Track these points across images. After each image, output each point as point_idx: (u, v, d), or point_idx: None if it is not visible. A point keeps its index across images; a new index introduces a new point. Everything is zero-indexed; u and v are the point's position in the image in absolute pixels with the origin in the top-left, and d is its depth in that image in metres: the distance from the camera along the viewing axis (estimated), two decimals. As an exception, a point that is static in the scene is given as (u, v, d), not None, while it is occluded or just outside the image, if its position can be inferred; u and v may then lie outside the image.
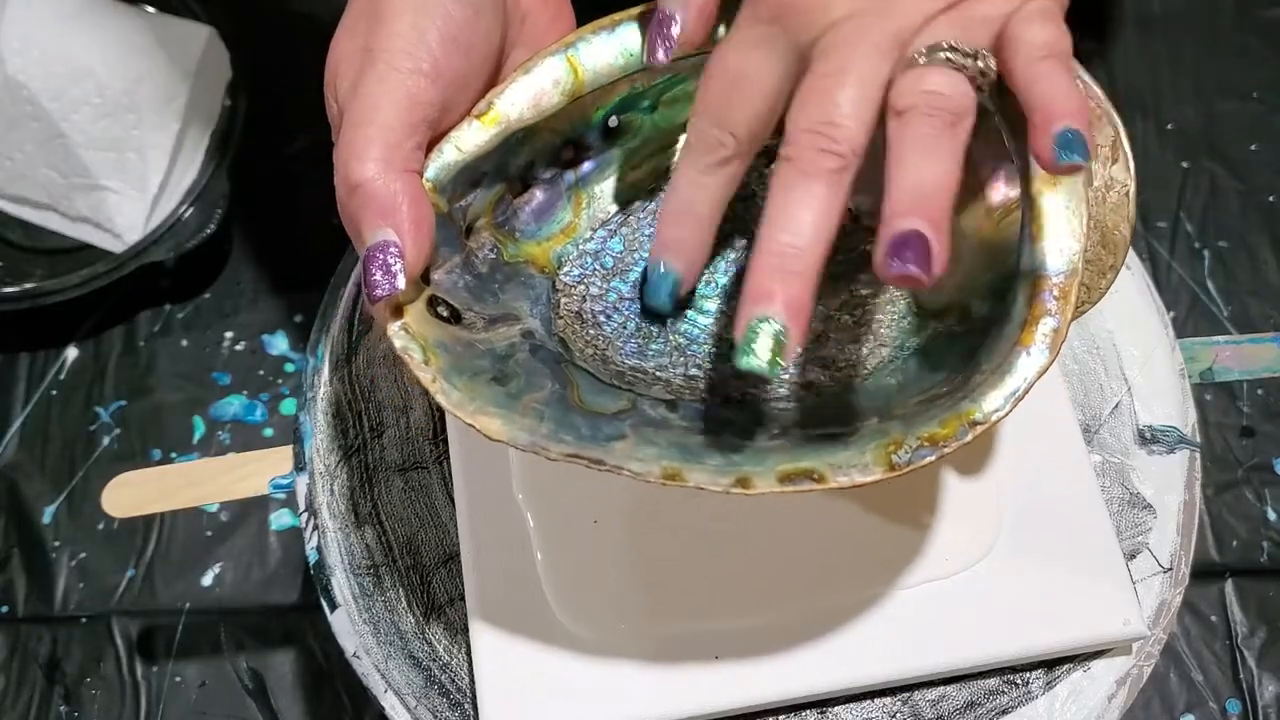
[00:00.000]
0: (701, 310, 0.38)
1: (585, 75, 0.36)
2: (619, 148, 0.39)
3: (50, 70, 0.61)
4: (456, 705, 0.41)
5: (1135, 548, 0.43)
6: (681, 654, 0.40)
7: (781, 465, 0.31)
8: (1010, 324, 0.33)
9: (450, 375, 0.32)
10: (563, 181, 0.38)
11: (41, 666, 0.57)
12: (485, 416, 0.31)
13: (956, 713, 0.40)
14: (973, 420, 0.31)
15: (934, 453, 0.31)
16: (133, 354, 0.64)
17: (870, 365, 0.37)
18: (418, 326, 0.32)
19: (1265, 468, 0.59)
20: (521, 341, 0.35)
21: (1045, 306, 0.32)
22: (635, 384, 0.36)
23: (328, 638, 0.48)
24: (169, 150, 0.63)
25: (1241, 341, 0.47)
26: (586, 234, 0.38)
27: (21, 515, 0.61)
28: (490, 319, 0.34)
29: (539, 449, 0.31)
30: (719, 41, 0.35)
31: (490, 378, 0.33)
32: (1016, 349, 0.32)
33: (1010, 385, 0.31)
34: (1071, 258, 0.32)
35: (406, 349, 0.32)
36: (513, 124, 0.35)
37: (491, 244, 0.36)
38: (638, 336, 0.37)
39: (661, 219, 0.35)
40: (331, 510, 0.44)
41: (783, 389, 0.36)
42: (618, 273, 0.38)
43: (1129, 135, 0.36)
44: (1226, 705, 0.55)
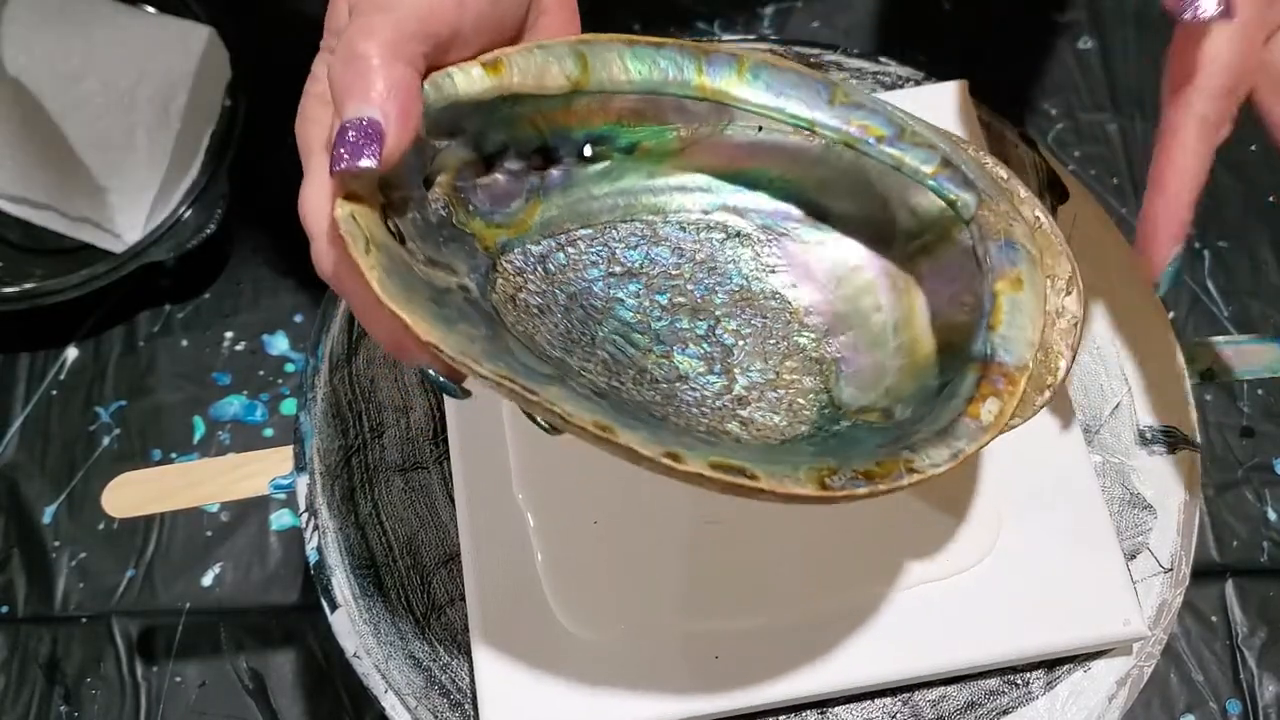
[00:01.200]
0: (632, 342, 0.38)
1: (592, 72, 0.36)
2: (588, 173, 0.39)
3: (50, 70, 0.61)
4: (457, 705, 0.41)
5: (1136, 548, 0.43)
6: (681, 654, 0.40)
7: (713, 456, 0.30)
8: (956, 399, 0.33)
9: (389, 274, 0.30)
10: (526, 181, 0.38)
11: (41, 666, 0.57)
12: (420, 318, 0.30)
13: (957, 713, 0.40)
14: (911, 466, 0.31)
15: (867, 486, 0.31)
16: (133, 354, 0.64)
17: (788, 435, 0.37)
18: (365, 220, 0.31)
19: (1265, 468, 0.59)
20: (457, 290, 0.34)
21: (994, 387, 0.33)
22: (562, 369, 0.35)
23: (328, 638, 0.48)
24: (169, 150, 0.63)
25: (1241, 342, 0.47)
26: (535, 237, 0.38)
27: (21, 515, 0.61)
28: (430, 260, 0.33)
29: (469, 361, 0.29)
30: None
31: (427, 298, 0.31)
32: (962, 419, 0.32)
33: (955, 446, 0.32)
34: (1024, 354, 0.34)
35: (350, 233, 0.30)
36: (513, 87, 0.35)
37: (445, 203, 0.36)
38: (566, 339, 0.37)
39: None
40: (332, 510, 0.44)
41: (701, 428, 0.36)
42: (558, 282, 0.38)
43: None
44: (1227, 705, 0.55)
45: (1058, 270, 0.37)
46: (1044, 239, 0.37)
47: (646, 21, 0.71)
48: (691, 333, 0.38)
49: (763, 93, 0.37)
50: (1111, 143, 0.68)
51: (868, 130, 0.37)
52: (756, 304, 0.39)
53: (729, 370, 0.38)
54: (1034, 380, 0.36)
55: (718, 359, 0.38)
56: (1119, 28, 0.71)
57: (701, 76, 0.37)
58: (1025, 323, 0.34)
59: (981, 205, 0.36)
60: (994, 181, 0.38)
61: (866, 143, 0.37)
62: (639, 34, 0.37)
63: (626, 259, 0.39)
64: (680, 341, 0.38)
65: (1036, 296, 0.35)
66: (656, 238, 0.40)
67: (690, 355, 0.38)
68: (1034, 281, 0.35)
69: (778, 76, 0.38)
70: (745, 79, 0.37)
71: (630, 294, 0.38)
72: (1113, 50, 0.70)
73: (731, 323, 0.39)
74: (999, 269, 0.35)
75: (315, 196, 0.31)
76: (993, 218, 0.36)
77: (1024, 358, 0.34)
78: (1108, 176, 0.67)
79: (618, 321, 0.38)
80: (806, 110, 0.38)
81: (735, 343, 0.38)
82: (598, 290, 0.38)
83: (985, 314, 0.34)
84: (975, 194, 0.36)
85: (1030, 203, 0.38)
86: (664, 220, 0.40)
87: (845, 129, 0.37)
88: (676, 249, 0.40)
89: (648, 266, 0.39)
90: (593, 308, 0.38)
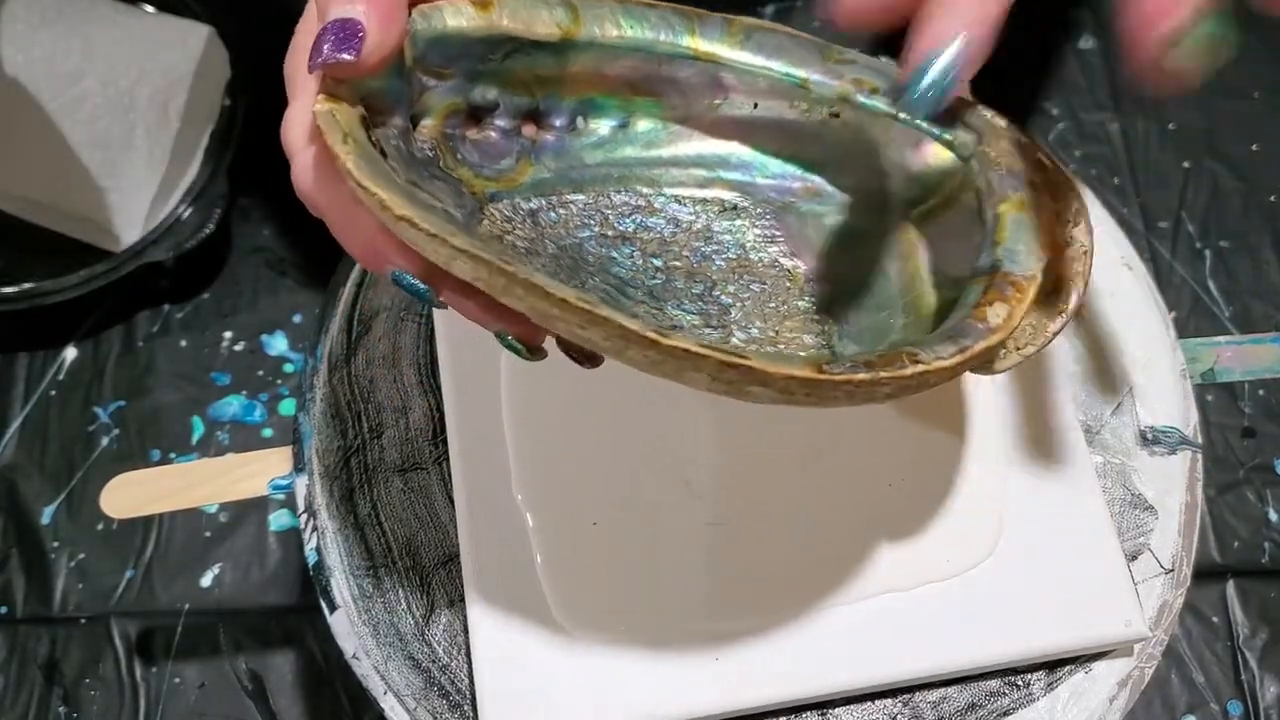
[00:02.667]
0: (625, 294, 0.36)
1: (583, 22, 0.36)
2: (581, 142, 0.39)
3: (49, 69, 0.61)
4: (456, 706, 0.41)
5: (1137, 549, 0.43)
6: (681, 655, 0.40)
7: (704, 340, 0.29)
8: (962, 308, 0.33)
9: (366, 166, 0.30)
10: (517, 142, 0.38)
11: (40, 667, 0.57)
12: (396, 197, 0.29)
13: (957, 714, 0.40)
14: (915, 357, 0.30)
15: (868, 372, 0.30)
16: (131, 354, 0.64)
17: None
18: (346, 119, 0.31)
19: (1267, 468, 0.59)
20: (439, 209, 0.34)
21: (1000, 293, 0.32)
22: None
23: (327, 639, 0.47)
24: (168, 150, 0.63)
25: (1243, 342, 0.47)
26: (526, 194, 0.38)
27: (20, 516, 0.60)
28: (412, 183, 0.33)
29: (444, 235, 0.29)
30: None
31: (405, 182, 0.31)
32: (967, 321, 0.32)
33: (961, 342, 0.31)
34: (1028, 266, 0.33)
35: (327, 125, 0.30)
36: (502, 28, 0.35)
37: (432, 146, 0.36)
38: (556, 276, 0.35)
39: None
40: (331, 511, 0.44)
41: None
42: (548, 235, 0.37)
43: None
44: (1228, 706, 0.55)
45: (1062, 205, 0.36)
46: (1050, 177, 0.37)
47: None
48: (687, 291, 0.38)
49: (754, 53, 0.37)
50: (1113, 142, 0.68)
51: (861, 84, 0.37)
52: (755, 271, 0.39)
53: (725, 326, 0.37)
54: (1046, 308, 0.35)
55: (714, 315, 0.37)
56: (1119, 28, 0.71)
57: (694, 37, 0.37)
58: (1030, 239, 0.34)
59: (982, 141, 0.36)
60: (993, 125, 0.37)
61: (861, 96, 0.37)
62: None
63: (620, 224, 0.39)
64: (675, 298, 0.37)
65: (1037, 219, 0.34)
66: (651, 209, 0.39)
67: (686, 310, 0.37)
68: (1037, 206, 0.35)
69: (770, 38, 0.38)
70: (737, 39, 0.37)
71: (624, 255, 0.38)
72: (1113, 50, 0.70)
73: (729, 286, 0.38)
74: (1001, 193, 0.35)
75: (298, 116, 0.31)
76: (993, 153, 0.36)
77: (1031, 268, 0.33)
78: (1109, 176, 0.67)
79: (610, 275, 0.37)
80: (799, 69, 0.38)
81: (733, 303, 0.38)
82: (589, 248, 0.38)
83: (990, 231, 0.34)
84: (973, 133, 0.36)
85: (1031, 149, 0.37)
86: (659, 193, 0.40)
87: (839, 84, 0.37)
88: (672, 220, 0.39)
89: (641, 233, 0.39)
90: (584, 260, 0.37)
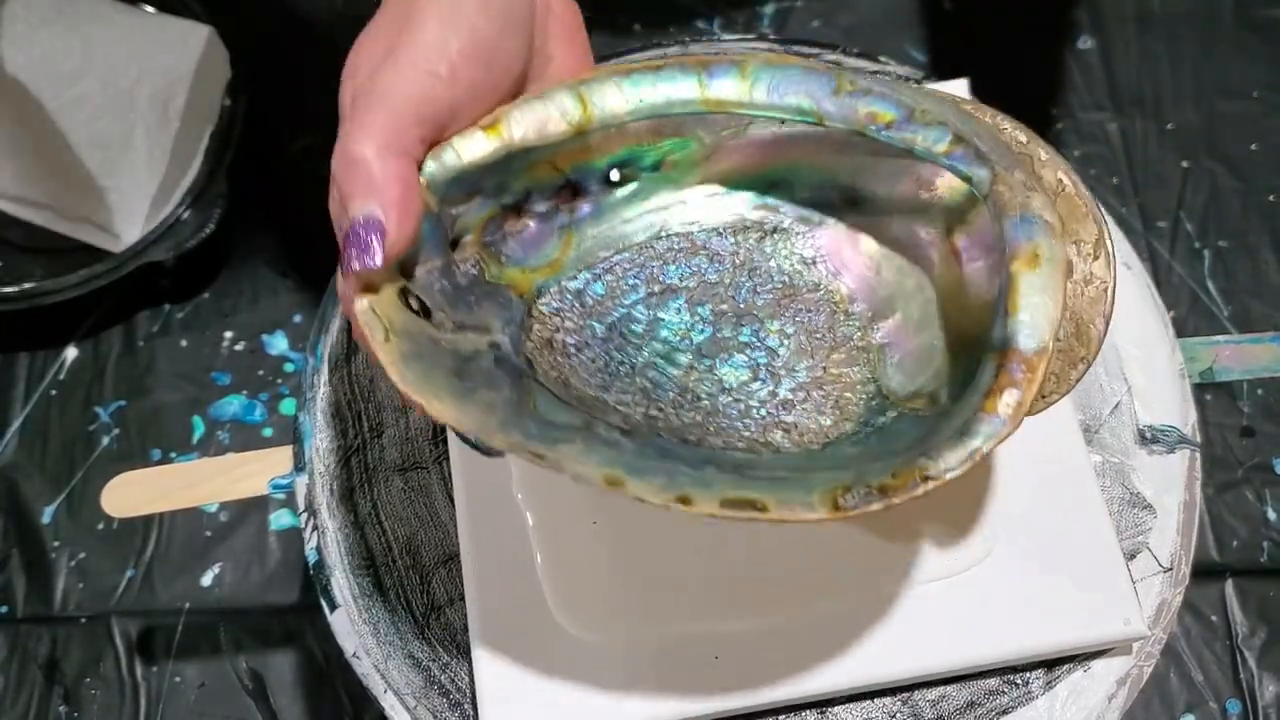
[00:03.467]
0: (673, 363, 0.38)
1: (594, 112, 0.36)
2: (617, 198, 0.39)
3: (50, 70, 0.61)
4: (456, 705, 0.41)
5: (1135, 547, 0.43)
6: (681, 655, 0.40)
7: (726, 493, 0.31)
8: (975, 393, 0.33)
9: (408, 360, 0.32)
10: (556, 219, 0.38)
11: (41, 667, 0.57)
12: (436, 400, 0.31)
13: (956, 713, 0.40)
14: (925, 475, 0.31)
15: (881, 501, 0.31)
16: (132, 354, 0.64)
17: (832, 435, 0.37)
18: (384, 308, 0.32)
19: (1265, 468, 0.59)
20: (487, 351, 0.35)
21: (1011, 377, 0.32)
22: (594, 409, 0.36)
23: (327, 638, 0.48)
24: (168, 150, 0.63)
25: (1242, 341, 0.47)
26: (571, 272, 0.39)
27: (21, 515, 0.61)
28: (459, 324, 0.35)
29: (485, 434, 0.31)
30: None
31: (449, 371, 0.33)
32: (979, 415, 0.32)
33: (969, 446, 0.32)
34: (1042, 338, 0.33)
35: (369, 325, 0.32)
36: (515, 143, 0.35)
37: (475, 261, 0.37)
38: (605, 373, 0.37)
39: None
40: (331, 510, 0.44)
41: (741, 444, 0.37)
42: (596, 314, 0.39)
43: (1111, 237, 0.37)
44: (1227, 705, 0.55)
45: (1083, 234, 0.36)
46: (1068, 204, 0.37)
47: (646, 22, 0.71)
48: (735, 340, 0.39)
49: (766, 95, 0.37)
50: (1111, 142, 0.68)
51: (875, 117, 0.37)
52: (800, 298, 0.39)
53: (775, 374, 0.38)
54: (1067, 355, 0.35)
55: (763, 366, 0.38)
56: (1119, 28, 0.71)
57: (704, 91, 0.37)
58: (1044, 301, 0.33)
59: (996, 179, 0.35)
60: (1009, 150, 0.37)
61: (876, 129, 0.37)
62: (639, 34, 0.37)
63: (665, 276, 0.40)
64: (724, 351, 0.38)
65: (1055, 271, 0.34)
66: (694, 248, 0.40)
67: (735, 365, 0.38)
68: (1052, 255, 0.34)
69: (781, 75, 0.37)
70: (748, 83, 0.37)
71: (672, 311, 0.39)
72: (1113, 50, 0.70)
73: (775, 324, 0.39)
74: (1014, 246, 0.34)
75: (345, 286, 0.34)
76: (1007, 192, 0.35)
77: (1044, 340, 0.33)
78: (1108, 176, 0.67)
79: (659, 344, 0.38)
80: (813, 104, 0.37)
81: (780, 344, 0.39)
82: (639, 314, 0.39)
83: (1002, 296, 0.34)
84: (989, 168, 0.36)
85: (1053, 164, 0.37)
86: (699, 229, 0.40)
87: (853, 117, 0.37)
88: (714, 255, 0.40)
89: (687, 279, 0.40)
90: (632, 333, 0.39)
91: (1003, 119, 0.38)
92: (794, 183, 0.39)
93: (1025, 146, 0.37)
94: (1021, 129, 0.38)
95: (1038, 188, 0.35)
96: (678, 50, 0.52)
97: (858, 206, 0.39)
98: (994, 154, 0.36)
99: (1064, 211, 0.36)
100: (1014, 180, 0.35)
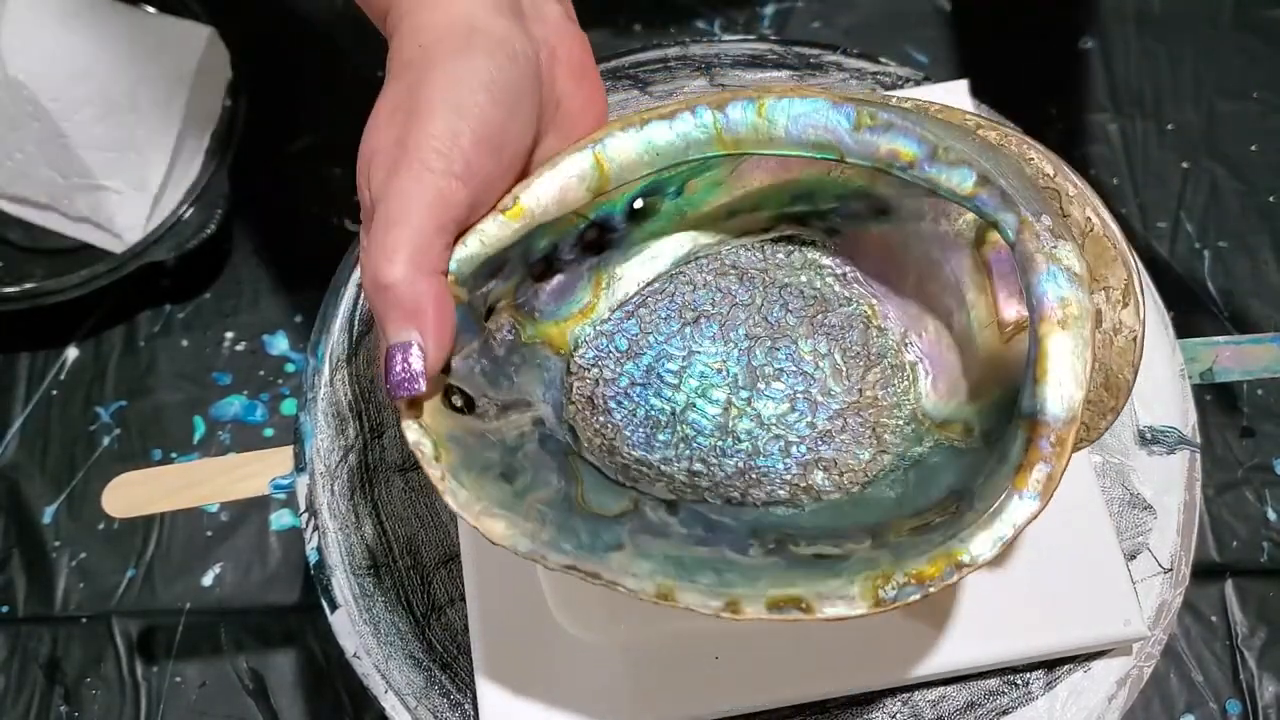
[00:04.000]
0: (711, 400, 0.38)
1: (611, 170, 0.36)
2: (642, 229, 0.39)
3: (51, 71, 0.61)
4: (456, 705, 0.41)
5: (1135, 548, 0.43)
6: (681, 656, 0.40)
7: (771, 591, 0.32)
8: (1006, 465, 0.33)
9: (459, 471, 0.32)
10: (584, 263, 0.38)
11: (42, 667, 0.57)
12: (490, 519, 0.32)
13: (957, 713, 0.40)
14: (959, 563, 0.32)
15: (919, 591, 0.31)
16: (133, 354, 0.64)
17: (871, 472, 0.37)
18: (432, 420, 0.33)
19: (1265, 468, 0.59)
20: (532, 430, 0.36)
21: (1041, 453, 0.32)
22: (639, 480, 0.37)
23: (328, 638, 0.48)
24: (169, 150, 0.63)
25: (1241, 342, 0.47)
26: (604, 315, 0.39)
27: (22, 515, 0.61)
28: (503, 405, 0.35)
29: (538, 557, 0.32)
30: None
31: (499, 473, 0.33)
32: (1010, 492, 0.32)
33: (998, 530, 0.32)
34: (1072, 405, 0.32)
35: (419, 444, 0.32)
36: (537, 217, 0.35)
37: (510, 325, 0.37)
38: (646, 425, 0.38)
39: None
40: (332, 510, 0.44)
41: (783, 490, 0.37)
42: (631, 356, 0.39)
43: (1140, 281, 0.36)
44: (1227, 706, 0.55)
45: (1111, 280, 0.36)
46: (1096, 245, 0.36)
47: (647, 22, 0.71)
48: (770, 367, 0.39)
49: (785, 133, 0.36)
50: (1111, 142, 0.68)
51: (898, 155, 0.35)
52: (832, 314, 0.39)
53: (812, 401, 0.38)
54: (1096, 405, 0.36)
55: (800, 394, 0.38)
56: (1119, 27, 0.71)
57: (720, 134, 0.36)
58: (1073, 363, 0.33)
59: (1022, 228, 0.33)
60: (1036, 188, 0.35)
61: (899, 167, 0.35)
62: (639, 34, 0.37)
63: (697, 303, 0.40)
64: (760, 381, 0.39)
65: (1084, 329, 0.33)
66: (723, 268, 0.40)
67: (772, 395, 0.38)
68: (1081, 312, 0.33)
69: (799, 112, 0.36)
70: (765, 120, 0.36)
71: (707, 341, 0.39)
72: (1113, 50, 0.70)
73: (808, 344, 0.39)
74: (1042, 307, 0.33)
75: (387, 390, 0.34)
76: (1033, 242, 0.33)
77: (1073, 409, 0.32)
78: (1108, 177, 0.67)
79: (695, 379, 0.39)
80: (833, 140, 0.36)
81: (815, 367, 0.39)
82: (674, 350, 0.39)
83: (1031, 363, 0.33)
84: (1016, 213, 0.34)
85: (1081, 200, 0.36)
86: (727, 248, 0.40)
87: (874, 154, 0.35)
88: (744, 274, 0.40)
89: (720, 303, 0.40)
90: (669, 373, 0.39)
91: (1029, 147, 0.36)
92: (818, 195, 0.39)
93: (1052, 180, 0.36)
94: (1049, 158, 0.36)
95: (1066, 232, 0.33)
96: (678, 51, 0.52)
97: (885, 216, 0.39)
98: (1020, 195, 0.34)
99: (1092, 255, 0.35)
100: (1040, 228, 0.33)
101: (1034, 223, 0.33)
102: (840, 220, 0.39)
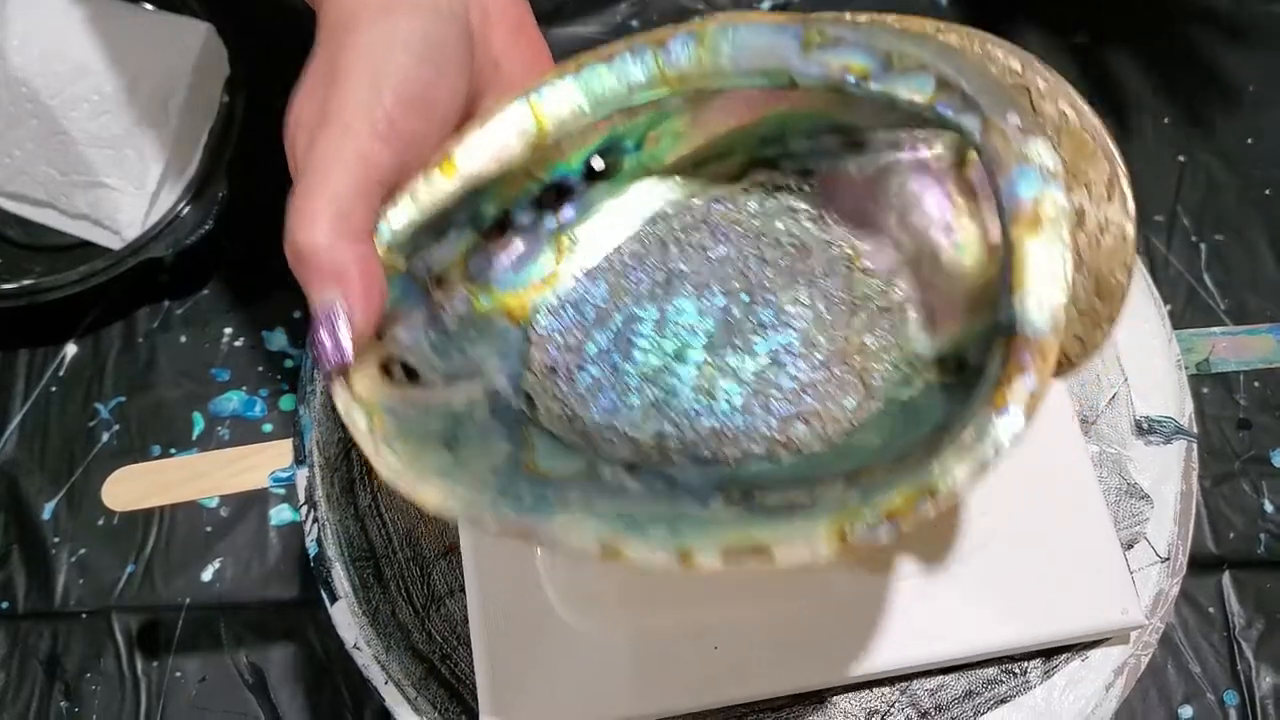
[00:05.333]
0: (686, 361, 0.36)
1: (549, 124, 0.34)
2: (604, 188, 0.37)
3: (50, 67, 0.61)
4: (456, 696, 0.41)
5: (1133, 537, 0.43)
6: (679, 646, 0.40)
7: (727, 539, 0.28)
8: (986, 383, 0.29)
9: (393, 440, 0.30)
10: (543, 227, 0.36)
11: (42, 662, 0.58)
12: (424, 484, 0.30)
13: (955, 702, 0.41)
14: (933, 490, 0.28)
15: (889, 527, 0.28)
16: (132, 350, 0.64)
17: (858, 421, 0.35)
18: (364, 390, 0.31)
19: (1262, 460, 0.60)
20: (483, 400, 0.34)
21: (1021, 364, 0.28)
22: (599, 445, 0.34)
23: (328, 632, 0.48)
24: (168, 147, 0.63)
25: (1238, 333, 0.47)
26: (569, 282, 0.37)
27: (21, 512, 0.61)
28: (450, 376, 0.33)
29: (475, 520, 0.30)
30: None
31: (441, 442, 0.31)
32: (987, 410, 0.28)
33: (979, 454, 0.28)
34: (1053, 312, 0.29)
35: (349, 414, 0.31)
36: (473, 176, 0.33)
37: (464, 296, 0.35)
38: (614, 391, 0.35)
39: None
40: (331, 502, 0.44)
41: (759, 447, 0.34)
42: (598, 323, 0.36)
43: (1127, 173, 0.33)
44: (1224, 696, 0.55)
45: (1093, 174, 0.32)
46: (1073, 139, 0.32)
47: (645, 21, 0.71)
48: (750, 322, 0.36)
49: (731, 63, 0.33)
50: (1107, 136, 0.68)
51: (849, 69, 0.32)
52: (812, 259, 0.37)
53: (794, 354, 0.35)
54: (1089, 316, 0.32)
55: (781, 348, 0.36)
56: (1118, 27, 0.71)
57: (663, 70, 0.34)
58: (1052, 269, 0.29)
59: (987, 129, 0.30)
60: (1001, 86, 0.31)
61: (852, 83, 0.32)
62: (635, 31, 0.36)
63: (668, 261, 0.37)
64: (739, 336, 0.36)
65: (1060, 231, 0.29)
66: (694, 223, 0.37)
67: (752, 351, 0.36)
68: (1057, 215, 0.29)
69: (744, 39, 0.33)
70: (708, 51, 0.33)
71: (680, 301, 0.37)
72: (1112, 50, 0.70)
73: (789, 294, 0.36)
74: (1014, 207, 0.30)
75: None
76: (1001, 141, 0.30)
77: (1055, 315, 0.29)
78: (1104, 170, 0.67)
79: (669, 341, 0.36)
80: (782, 64, 0.33)
81: (797, 317, 0.36)
82: (644, 313, 0.37)
83: (1005, 270, 0.29)
84: (979, 114, 0.31)
85: (1053, 94, 0.33)
86: (697, 201, 0.37)
87: (827, 73, 0.32)
88: (716, 228, 0.37)
89: (693, 259, 0.37)
90: (640, 335, 0.36)
91: (994, 45, 0.33)
92: (787, 134, 0.36)
93: (1021, 76, 0.33)
94: (1016, 54, 0.33)
95: (1036, 128, 0.30)
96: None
97: (859, 149, 0.36)
98: (983, 95, 0.31)
99: (1070, 150, 0.32)
100: (1008, 125, 0.30)
101: (999, 122, 0.30)
102: (814, 160, 0.37)
